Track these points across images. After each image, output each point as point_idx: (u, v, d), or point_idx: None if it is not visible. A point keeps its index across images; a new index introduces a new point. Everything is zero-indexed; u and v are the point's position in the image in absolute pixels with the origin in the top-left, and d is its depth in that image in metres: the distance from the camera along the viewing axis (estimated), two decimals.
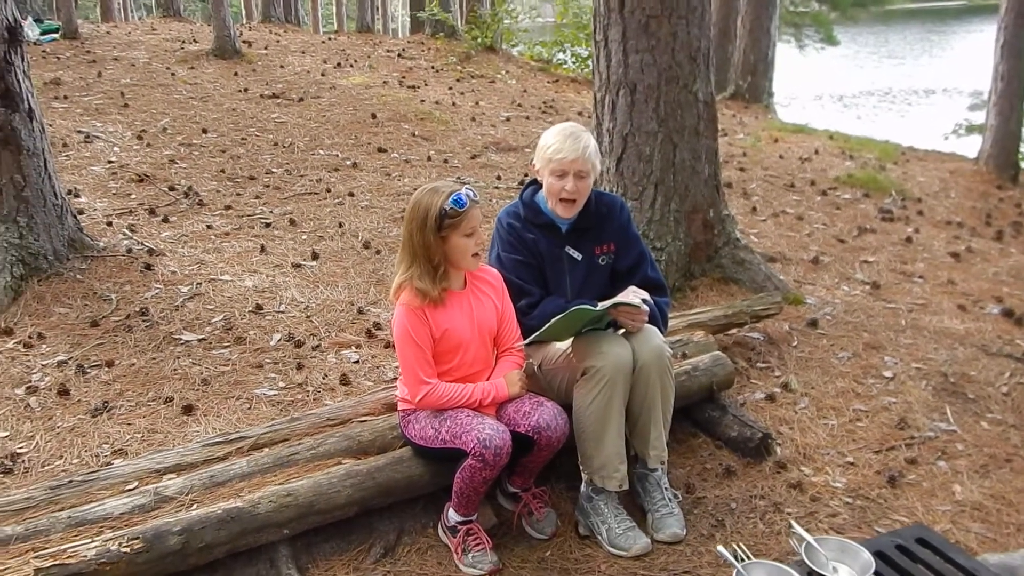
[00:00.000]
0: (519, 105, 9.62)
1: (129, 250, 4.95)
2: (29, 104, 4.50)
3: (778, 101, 14.06)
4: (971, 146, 9.28)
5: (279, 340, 4.08)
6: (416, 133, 7.80)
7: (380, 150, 7.29)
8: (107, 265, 4.76)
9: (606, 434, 2.75)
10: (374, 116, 8.19)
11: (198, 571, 2.56)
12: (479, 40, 12.57)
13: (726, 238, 4.71)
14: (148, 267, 4.77)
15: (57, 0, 13.14)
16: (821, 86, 25.46)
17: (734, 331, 4.13)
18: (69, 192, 5.61)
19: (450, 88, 10.13)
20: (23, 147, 4.45)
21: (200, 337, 4.08)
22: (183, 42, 11.98)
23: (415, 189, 2.77)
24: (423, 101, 9.07)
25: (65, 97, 8.39)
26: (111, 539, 2.43)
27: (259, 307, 4.39)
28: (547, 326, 2.66)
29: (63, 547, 2.40)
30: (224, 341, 4.05)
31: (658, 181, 4.50)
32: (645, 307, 2.75)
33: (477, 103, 9.36)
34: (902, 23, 41.80)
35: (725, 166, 7.32)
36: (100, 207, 5.70)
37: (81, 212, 5.41)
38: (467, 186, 2.70)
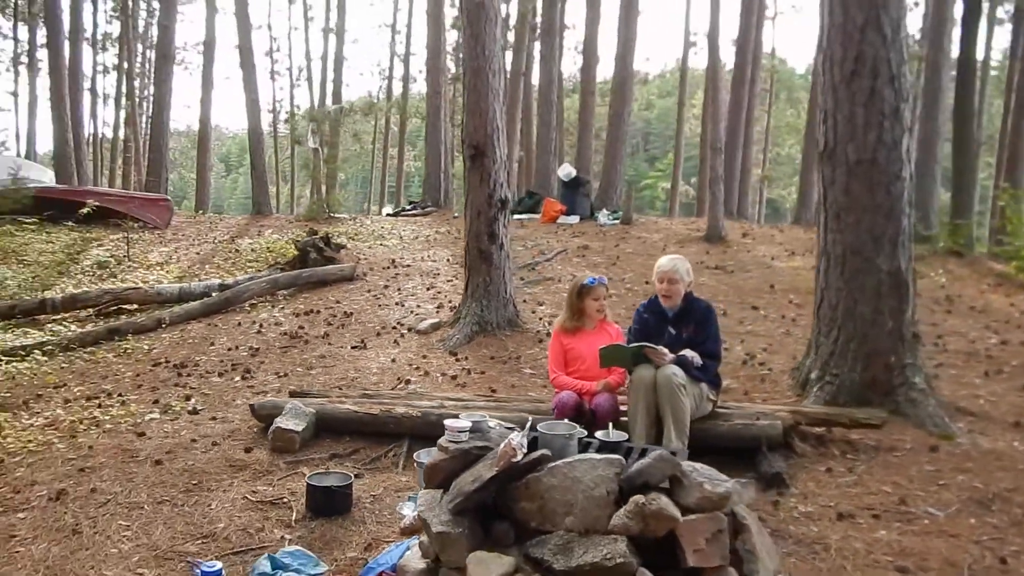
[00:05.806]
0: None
1: (536, 331, 8.00)
2: (502, 241, 7.96)
3: None
4: None
5: None
6: (793, 300, 9.46)
7: (753, 307, 9.20)
8: (521, 335, 7.86)
9: (638, 422, 4.63)
10: (772, 286, 10.08)
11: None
12: (942, 245, 13.12)
13: (904, 380, 5.63)
14: (540, 341, 7.72)
15: (625, 198, 17.88)
16: None
17: (853, 433, 5.19)
18: (539, 303, 9.01)
19: None
20: (493, 263, 7.91)
21: (544, 371, 6.82)
22: (696, 230, 15.25)
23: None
24: None
25: (584, 256, 12.21)
26: (405, 409, 5.30)
27: None
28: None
29: (390, 408, 5.35)
30: (544, 375, 6.71)
31: (840, 326, 5.80)
32: (666, 351, 4.63)
33: None
34: None
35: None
36: (547, 312, 8.93)
37: (533, 312, 8.69)
38: (600, 276, 5.02)
